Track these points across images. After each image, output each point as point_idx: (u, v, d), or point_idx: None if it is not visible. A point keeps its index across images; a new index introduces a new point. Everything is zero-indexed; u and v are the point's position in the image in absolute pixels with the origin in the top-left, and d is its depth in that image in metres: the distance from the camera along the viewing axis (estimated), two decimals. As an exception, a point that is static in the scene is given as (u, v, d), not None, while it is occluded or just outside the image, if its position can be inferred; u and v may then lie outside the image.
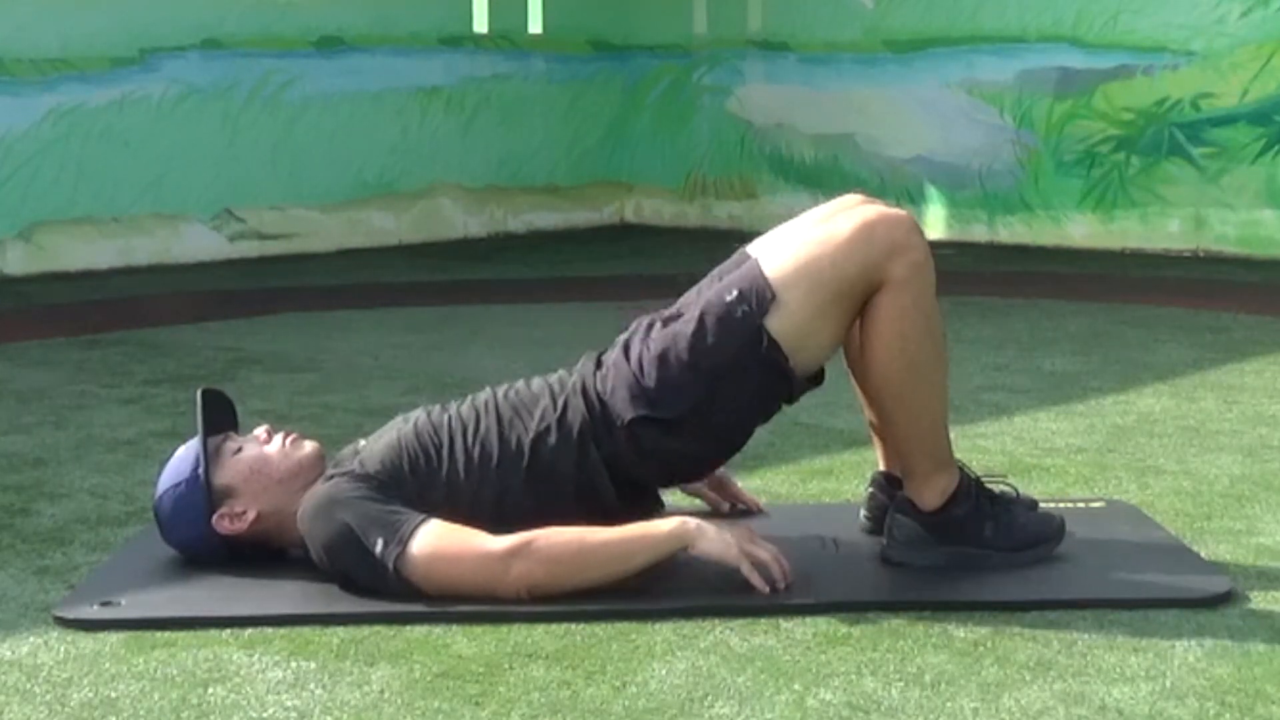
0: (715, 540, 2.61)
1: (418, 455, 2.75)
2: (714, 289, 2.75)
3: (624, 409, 2.71)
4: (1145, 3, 8.16)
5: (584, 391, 2.75)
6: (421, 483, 2.72)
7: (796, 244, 2.72)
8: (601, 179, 10.14)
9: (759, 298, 2.67)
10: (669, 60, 10.02)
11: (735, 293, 2.69)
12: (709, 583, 2.64)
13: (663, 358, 2.70)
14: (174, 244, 8.30)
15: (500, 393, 2.84)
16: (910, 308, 2.67)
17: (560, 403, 2.75)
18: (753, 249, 2.80)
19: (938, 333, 2.73)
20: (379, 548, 2.61)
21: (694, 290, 2.83)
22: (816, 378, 2.77)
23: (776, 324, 2.66)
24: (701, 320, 2.70)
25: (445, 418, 2.81)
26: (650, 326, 2.77)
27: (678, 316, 2.76)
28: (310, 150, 8.79)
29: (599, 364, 2.79)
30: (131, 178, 8.16)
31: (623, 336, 2.81)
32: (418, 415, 2.84)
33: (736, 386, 2.70)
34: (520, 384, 2.85)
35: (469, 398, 2.87)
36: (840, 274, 2.65)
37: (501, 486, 2.72)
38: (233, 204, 8.52)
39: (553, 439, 2.73)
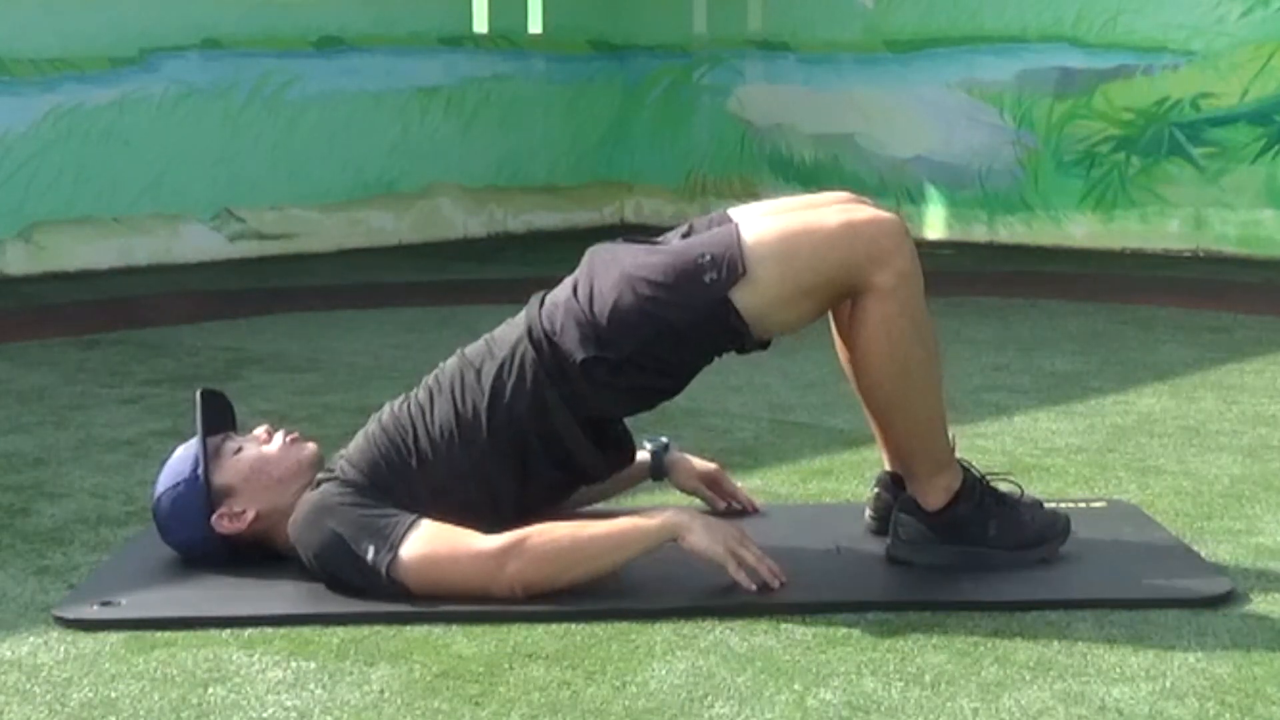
0: (703, 535, 2.61)
1: (389, 450, 2.73)
2: (686, 241, 2.72)
3: (575, 349, 2.66)
4: (1145, 3, 8.15)
5: (530, 334, 2.70)
6: (401, 477, 2.70)
7: (780, 222, 2.69)
8: (601, 179, 10.14)
9: (729, 267, 2.63)
10: (669, 60, 10.01)
11: (708, 256, 2.65)
12: (709, 582, 2.64)
13: (618, 297, 2.65)
14: (174, 244, 8.30)
15: (448, 364, 2.81)
16: (897, 315, 2.64)
17: (505, 355, 2.71)
18: (735, 212, 2.78)
19: (928, 336, 2.71)
20: (370, 554, 2.60)
21: (663, 237, 2.79)
22: (766, 342, 2.74)
23: (741, 297, 2.63)
24: (666, 270, 2.66)
25: (405, 407, 2.79)
26: (607, 263, 2.72)
27: (637, 254, 2.71)
28: (310, 150, 8.79)
29: (542, 302, 2.74)
30: (131, 178, 8.16)
31: (571, 276, 2.76)
32: (382, 411, 2.83)
33: (689, 338, 2.67)
34: (466, 348, 2.82)
35: (423, 380, 2.84)
36: (816, 265, 2.63)
37: (471, 458, 2.69)
38: (233, 204, 8.52)
39: (507, 394, 2.69)
